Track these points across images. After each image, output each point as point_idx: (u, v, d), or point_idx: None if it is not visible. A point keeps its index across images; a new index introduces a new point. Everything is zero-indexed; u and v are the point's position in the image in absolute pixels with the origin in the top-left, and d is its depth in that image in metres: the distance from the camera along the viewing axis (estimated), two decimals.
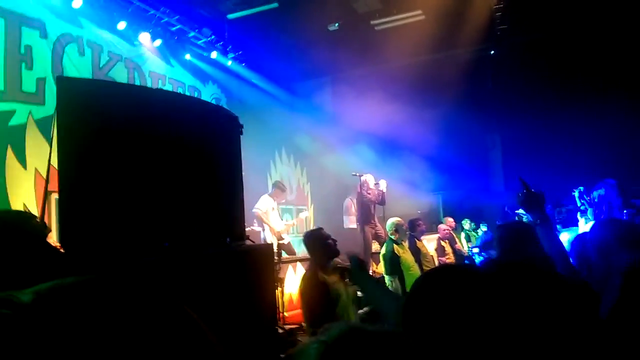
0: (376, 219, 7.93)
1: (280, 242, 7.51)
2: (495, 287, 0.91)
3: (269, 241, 7.45)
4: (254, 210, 7.61)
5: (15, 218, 1.60)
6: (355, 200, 7.72)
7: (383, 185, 7.88)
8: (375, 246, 7.96)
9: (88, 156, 2.72)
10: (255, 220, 7.65)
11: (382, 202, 7.97)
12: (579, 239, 2.72)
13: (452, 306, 0.85)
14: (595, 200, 6.19)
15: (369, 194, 7.88)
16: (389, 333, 0.66)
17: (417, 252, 6.20)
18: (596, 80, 9.66)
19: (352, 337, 0.62)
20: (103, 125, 2.76)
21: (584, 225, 5.12)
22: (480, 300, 0.85)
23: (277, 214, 8.02)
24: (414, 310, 0.89)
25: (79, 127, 2.69)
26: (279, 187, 8.16)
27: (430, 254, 7.07)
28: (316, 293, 3.73)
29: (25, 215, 1.66)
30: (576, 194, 6.59)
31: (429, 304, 0.88)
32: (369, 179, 8.00)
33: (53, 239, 4.04)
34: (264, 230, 7.61)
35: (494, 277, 0.96)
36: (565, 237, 3.17)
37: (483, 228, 8.99)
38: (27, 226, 1.61)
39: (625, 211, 5.30)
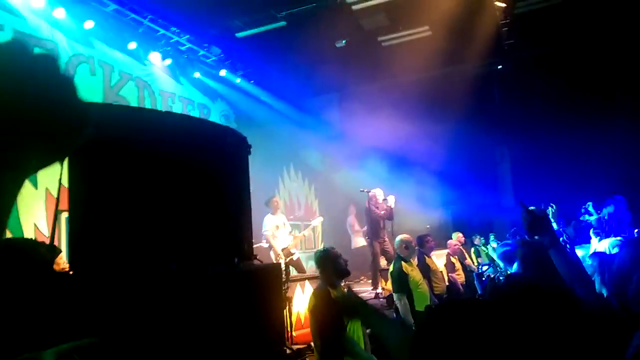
0: (385, 235, 7.89)
1: (289, 257, 7.47)
2: (507, 323, 0.88)
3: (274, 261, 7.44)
4: (263, 232, 7.65)
5: (23, 246, 1.62)
6: (353, 217, 7.65)
7: (391, 200, 7.85)
8: (382, 262, 7.93)
9: (98, 177, 2.75)
10: (263, 239, 7.66)
11: (390, 217, 7.95)
12: (602, 259, 2.64)
13: (461, 346, 0.83)
14: (605, 217, 6.15)
15: (377, 209, 7.86)
16: None
17: (426, 269, 6.15)
18: (604, 93, 9.63)
19: None
20: (113, 147, 2.80)
21: (597, 243, 5.08)
22: (489, 339, 0.83)
23: (286, 230, 7.97)
24: (422, 350, 0.88)
25: (90, 149, 2.73)
26: (271, 203, 8.01)
27: (440, 270, 7.01)
28: (327, 312, 3.71)
29: (32, 242, 1.69)
30: (592, 213, 6.55)
31: (436, 344, 0.86)
32: (377, 194, 7.99)
33: (63, 259, 4.08)
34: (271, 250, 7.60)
35: (504, 310, 0.93)
36: (579, 254, 3.13)
37: (493, 244, 8.90)
38: (34, 254, 1.63)
39: (636, 230, 5.26)
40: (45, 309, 1.57)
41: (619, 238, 4.22)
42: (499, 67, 11.03)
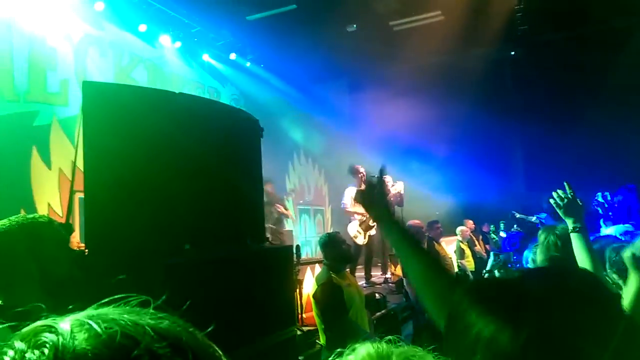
0: None
1: (369, 231, 7.30)
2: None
3: (352, 234, 7.14)
4: (342, 202, 7.41)
5: (36, 223, 1.63)
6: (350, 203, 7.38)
7: (400, 186, 7.77)
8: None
9: (113, 159, 2.77)
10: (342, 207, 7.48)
11: (400, 203, 7.93)
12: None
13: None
14: (616, 205, 6.13)
15: (387, 195, 7.84)
16: (410, 350, 0.66)
17: (434, 255, 6.17)
18: (620, 80, 9.47)
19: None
20: (127, 130, 2.81)
21: (606, 230, 5.05)
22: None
23: None
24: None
25: (104, 131, 2.74)
26: (353, 171, 7.48)
27: (449, 256, 7.02)
28: (331, 297, 3.74)
29: (45, 219, 1.70)
30: (601, 202, 6.53)
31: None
32: (387, 180, 7.96)
33: (77, 239, 4.12)
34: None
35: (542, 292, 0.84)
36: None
37: (502, 234, 8.88)
38: (48, 230, 1.64)
39: None
40: (63, 282, 1.59)
41: (627, 225, 4.20)
42: (512, 52, 10.89)
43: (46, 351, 0.42)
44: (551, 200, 2.24)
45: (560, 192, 2.22)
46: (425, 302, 1.35)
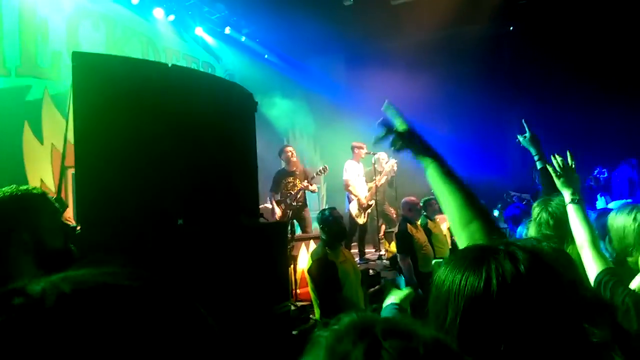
0: (385, 199, 7.88)
1: (368, 209, 7.26)
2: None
3: (353, 212, 7.11)
4: (344, 178, 7.25)
5: (29, 194, 1.60)
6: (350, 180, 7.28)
7: (393, 162, 7.67)
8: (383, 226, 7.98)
9: (103, 132, 2.73)
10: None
11: (390, 183, 7.91)
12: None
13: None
14: (617, 179, 6.11)
15: (381, 172, 7.81)
16: (399, 323, 0.65)
17: (427, 233, 6.19)
18: (619, 55, 9.39)
19: (362, 327, 0.61)
20: (118, 101, 2.76)
21: (603, 204, 5.06)
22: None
23: (364, 180, 7.53)
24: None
25: (94, 103, 2.69)
26: (355, 147, 7.53)
27: (444, 233, 7.04)
28: (324, 273, 3.75)
29: (38, 190, 1.66)
30: (599, 178, 6.51)
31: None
32: (381, 157, 7.92)
33: (70, 214, 4.10)
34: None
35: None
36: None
37: (494, 213, 8.88)
38: (42, 202, 1.61)
39: None
40: (58, 254, 1.57)
41: (628, 200, 4.19)
42: (511, 27, 10.74)
43: (15, 313, 0.42)
44: (549, 168, 2.19)
45: (560, 160, 2.18)
46: (459, 242, 1.32)
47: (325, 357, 0.56)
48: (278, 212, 6.95)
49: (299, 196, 6.99)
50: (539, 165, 3.08)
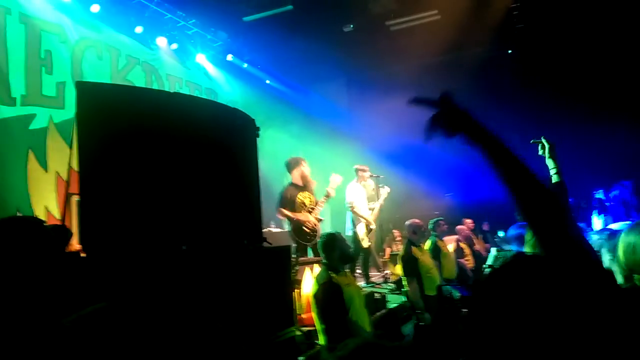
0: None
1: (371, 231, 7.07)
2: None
3: (360, 235, 6.86)
4: (347, 205, 6.98)
5: (29, 219, 1.60)
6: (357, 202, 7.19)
7: (387, 190, 7.60)
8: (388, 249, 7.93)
9: (108, 159, 2.74)
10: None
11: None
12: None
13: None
14: (612, 202, 6.15)
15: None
16: (404, 349, 0.65)
17: (437, 251, 6.22)
18: (619, 80, 9.46)
19: (368, 352, 0.61)
20: (122, 129, 2.79)
21: (599, 225, 5.05)
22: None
23: (365, 201, 7.27)
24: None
25: (98, 131, 2.72)
26: (359, 170, 7.29)
27: (451, 254, 7.04)
28: (329, 297, 3.71)
29: (37, 219, 1.66)
30: (601, 195, 6.52)
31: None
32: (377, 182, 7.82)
33: (75, 241, 4.09)
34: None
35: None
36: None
37: (500, 234, 8.85)
38: (39, 228, 1.60)
39: None
40: (53, 285, 1.56)
41: (627, 223, 4.18)
42: (509, 51, 10.87)
43: None
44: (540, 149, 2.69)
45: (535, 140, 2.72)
46: (520, 211, 1.27)
47: None
48: (312, 219, 5.92)
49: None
50: (554, 179, 2.86)
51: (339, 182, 6.28)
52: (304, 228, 5.82)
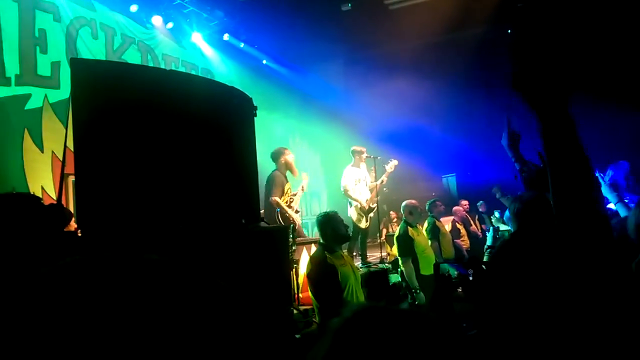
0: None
1: (370, 212, 7.08)
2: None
3: (354, 218, 6.96)
4: (341, 188, 7.02)
5: (22, 200, 1.59)
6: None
7: (392, 164, 7.57)
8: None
9: (103, 138, 2.73)
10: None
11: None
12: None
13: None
14: (607, 182, 6.14)
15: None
16: (411, 311, 0.65)
17: (436, 232, 6.27)
18: (620, 60, 9.40)
19: (373, 313, 0.61)
20: (117, 107, 2.76)
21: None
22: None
23: (365, 184, 7.20)
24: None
25: (93, 109, 2.69)
26: (355, 153, 7.22)
27: (449, 234, 7.09)
28: (324, 277, 3.73)
29: (34, 196, 1.66)
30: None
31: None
32: (383, 159, 7.86)
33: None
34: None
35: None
36: None
37: (496, 214, 8.89)
38: (37, 204, 1.60)
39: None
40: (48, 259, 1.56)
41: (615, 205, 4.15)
42: (509, 30, 10.77)
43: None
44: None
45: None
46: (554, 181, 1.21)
47: (331, 339, 0.57)
48: (298, 219, 6.27)
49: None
50: (518, 167, 2.82)
51: (307, 179, 6.58)
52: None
